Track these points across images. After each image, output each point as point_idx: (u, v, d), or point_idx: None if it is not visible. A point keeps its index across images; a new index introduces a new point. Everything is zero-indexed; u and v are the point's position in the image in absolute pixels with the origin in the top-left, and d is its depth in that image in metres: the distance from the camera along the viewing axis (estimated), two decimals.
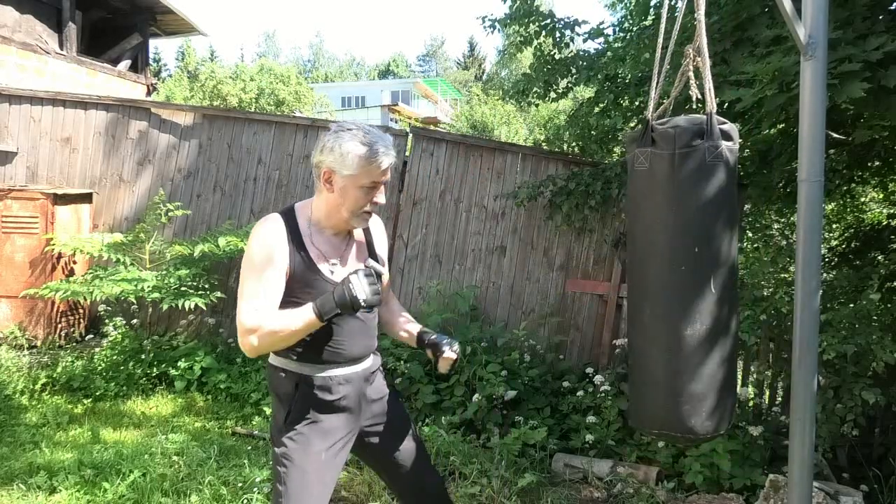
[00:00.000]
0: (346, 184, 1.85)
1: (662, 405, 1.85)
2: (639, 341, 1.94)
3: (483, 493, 3.41)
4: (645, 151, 1.83)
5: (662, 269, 1.83)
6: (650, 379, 1.88)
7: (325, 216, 1.93)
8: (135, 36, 9.16)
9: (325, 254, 1.93)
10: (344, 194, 1.87)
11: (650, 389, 1.89)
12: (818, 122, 1.92)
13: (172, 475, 3.36)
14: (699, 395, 1.79)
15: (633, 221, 1.96)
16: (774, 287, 4.18)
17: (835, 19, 2.65)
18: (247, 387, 4.79)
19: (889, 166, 4.50)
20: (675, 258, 1.80)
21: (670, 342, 1.80)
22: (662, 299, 1.83)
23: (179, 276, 4.90)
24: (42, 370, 4.84)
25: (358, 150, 1.82)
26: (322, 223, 1.94)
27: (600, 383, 4.27)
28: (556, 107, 17.34)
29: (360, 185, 1.85)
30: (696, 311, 1.78)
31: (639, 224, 1.90)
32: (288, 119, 6.02)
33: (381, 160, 1.84)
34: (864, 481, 3.54)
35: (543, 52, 5.56)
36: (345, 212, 1.89)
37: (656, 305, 1.84)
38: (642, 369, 1.92)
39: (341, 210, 1.89)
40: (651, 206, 1.84)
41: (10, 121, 6.07)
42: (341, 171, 1.84)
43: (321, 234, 1.94)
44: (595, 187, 4.82)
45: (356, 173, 1.83)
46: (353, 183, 1.85)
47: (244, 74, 27.64)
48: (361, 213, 1.91)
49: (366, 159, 1.82)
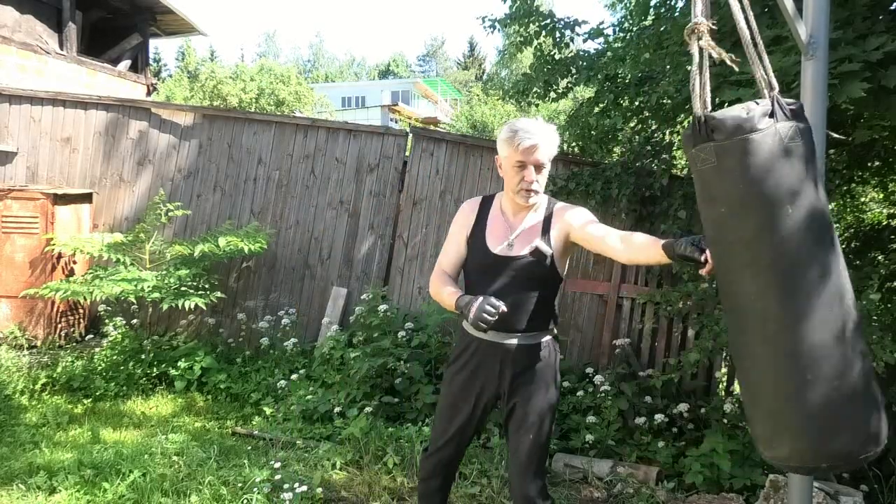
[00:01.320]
0: (503, 165, 2.27)
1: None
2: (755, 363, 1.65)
3: (483, 493, 3.41)
4: (706, 147, 1.62)
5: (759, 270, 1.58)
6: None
7: (504, 197, 2.35)
8: (135, 36, 9.16)
9: (500, 230, 2.31)
10: (505, 175, 2.27)
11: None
12: (818, 122, 1.92)
13: (172, 475, 3.36)
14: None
15: (713, 228, 1.69)
16: None
17: (835, 19, 2.65)
18: (247, 387, 4.79)
19: (889, 166, 4.50)
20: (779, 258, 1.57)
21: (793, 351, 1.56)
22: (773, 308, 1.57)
23: (179, 276, 4.90)
24: (42, 370, 4.83)
25: (504, 135, 2.22)
26: (504, 204, 2.35)
27: (600, 383, 4.27)
28: (556, 107, 17.34)
29: (511, 165, 2.22)
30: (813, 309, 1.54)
31: (721, 230, 1.66)
32: (288, 119, 6.02)
33: (518, 140, 2.17)
34: (864, 481, 3.54)
35: (543, 52, 5.56)
36: (509, 191, 2.27)
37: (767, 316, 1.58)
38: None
39: (508, 190, 2.28)
40: (731, 205, 1.61)
41: (10, 121, 6.07)
42: (500, 154, 2.27)
43: (503, 215, 2.34)
44: (595, 187, 4.82)
45: (506, 154, 2.23)
46: (507, 163, 2.24)
47: (244, 74, 27.63)
48: (519, 190, 2.23)
49: (508, 140, 2.20)
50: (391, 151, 5.63)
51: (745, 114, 1.57)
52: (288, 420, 4.31)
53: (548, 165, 2.26)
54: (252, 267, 5.66)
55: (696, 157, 1.65)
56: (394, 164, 5.60)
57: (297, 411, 4.34)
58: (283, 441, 3.97)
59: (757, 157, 1.54)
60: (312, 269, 5.68)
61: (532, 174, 2.21)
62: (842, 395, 1.55)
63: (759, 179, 1.55)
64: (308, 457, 3.75)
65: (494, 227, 2.32)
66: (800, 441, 1.59)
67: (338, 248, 5.66)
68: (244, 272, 5.68)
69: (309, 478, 3.38)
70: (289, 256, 5.71)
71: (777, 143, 1.54)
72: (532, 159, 2.19)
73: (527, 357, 2.32)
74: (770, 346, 1.59)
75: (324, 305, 5.56)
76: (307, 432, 4.17)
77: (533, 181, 2.21)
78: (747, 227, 1.58)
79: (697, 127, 1.63)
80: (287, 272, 5.71)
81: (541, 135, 2.19)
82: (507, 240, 2.29)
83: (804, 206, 1.54)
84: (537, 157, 2.19)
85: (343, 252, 5.64)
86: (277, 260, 5.71)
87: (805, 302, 1.55)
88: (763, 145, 1.54)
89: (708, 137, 1.61)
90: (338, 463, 3.65)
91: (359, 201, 5.63)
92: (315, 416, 4.33)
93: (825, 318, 1.55)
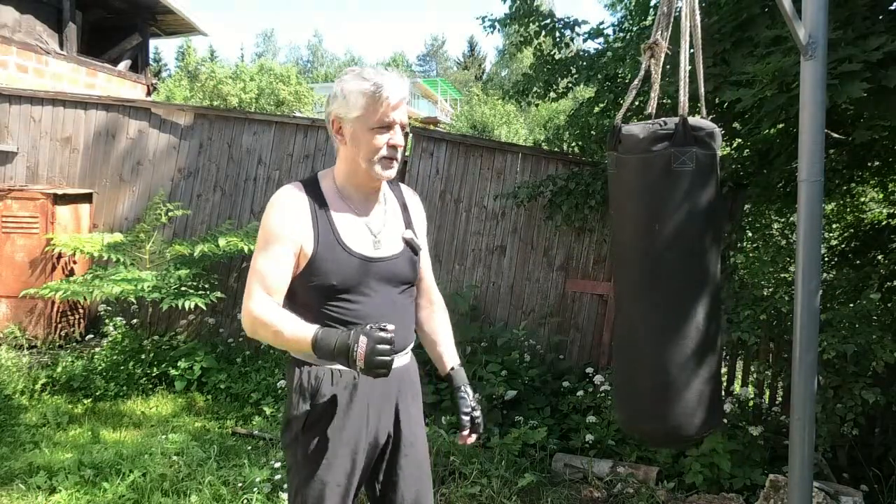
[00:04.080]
0: (355, 128, 1.68)
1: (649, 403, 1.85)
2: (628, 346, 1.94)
3: (483, 493, 3.41)
4: (612, 155, 1.82)
5: (632, 272, 1.84)
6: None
7: (347, 175, 1.75)
8: (135, 36, 9.15)
9: (350, 224, 1.73)
10: (356, 142, 1.69)
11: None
12: (818, 122, 1.92)
13: (172, 475, 3.36)
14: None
15: (612, 224, 2.01)
16: (774, 287, 4.18)
17: (835, 19, 2.65)
18: (247, 387, 4.79)
19: (889, 166, 4.50)
20: (645, 263, 1.79)
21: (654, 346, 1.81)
22: (638, 301, 1.83)
23: (179, 276, 4.90)
24: (42, 370, 4.84)
25: (361, 87, 1.65)
26: (346, 186, 1.76)
27: (600, 383, 4.27)
28: (556, 107, 17.35)
29: (371, 127, 1.67)
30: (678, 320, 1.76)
31: (616, 227, 1.94)
32: (288, 119, 6.02)
33: (386, 93, 1.64)
34: (864, 481, 3.54)
35: (543, 52, 5.56)
36: (362, 162, 1.69)
37: (632, 306, 1.85)
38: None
39: (359, 161, 1.70)
40: (621, 209, 1.85)
41: (10, 121, 6.07)
42: (348, 114, 1.67)
43: (348, 201, 1.75)
44: (595, 187, 4.82)
45: (362, 113, 1.66)
46: (363, 125, 1.67)
47: (244, 74, 27.64)
48: (381, 160, 1.69)
49: (370, 95, 1.64)
50: None
51: (643, 134, 1.72)
52: None
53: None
54: None
55: (607, 160, 1.91)
56: None
57: None
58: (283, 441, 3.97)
59: (641, 176, 1.74)
60: None
61: (400, 136, 1.70)
62: (670, 390, 1.76)
63: (638, 195, 1.76)
64: None
65: (343, 222, 1.72)
66: (621, 413, 1.99)
67: None
68: (244, 272, 5.67)
69: None
70: None
71: (663, 166, 1.69)
72: (400, 118, 1.69)
73: (414, 376, 1.89)
74: (626, 333, 1.87)
75: None
76: None
77: (401, 145, 1.72)
78: (625, 233, 1.84)
79: (611, 135, 1.82)
80: None
81: (406, 86, 1.70)
82: (369, 235, 1.75)
83: (674, 225, 1.72)
84: (403, 116, 1.71)
85: None
86: None
87: (655, 308, 1.77)
88: (650, 166, 1.71)
89: (614, 147, 1.81)
90: None
91: None
92: None
93: (673, 325, 1.75)
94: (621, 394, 1.98)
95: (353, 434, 1.72)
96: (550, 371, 4.83)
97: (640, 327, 1.81)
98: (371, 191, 1.79)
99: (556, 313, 5.16)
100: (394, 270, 1.76)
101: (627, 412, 1.94)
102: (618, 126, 1.79)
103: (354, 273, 1.70)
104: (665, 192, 1.70)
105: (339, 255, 1.69)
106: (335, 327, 1.64)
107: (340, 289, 1.69)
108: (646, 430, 1.90)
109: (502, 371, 4.38)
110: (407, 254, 1.80)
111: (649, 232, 1.73)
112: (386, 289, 1.75)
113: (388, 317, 1.67)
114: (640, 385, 1.83)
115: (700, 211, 1.72)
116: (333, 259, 1.68)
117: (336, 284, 1.68)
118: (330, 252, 1.68)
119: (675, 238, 1.72)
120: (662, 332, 1.76)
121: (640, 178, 1.74)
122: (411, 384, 1.87)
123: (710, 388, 1.79)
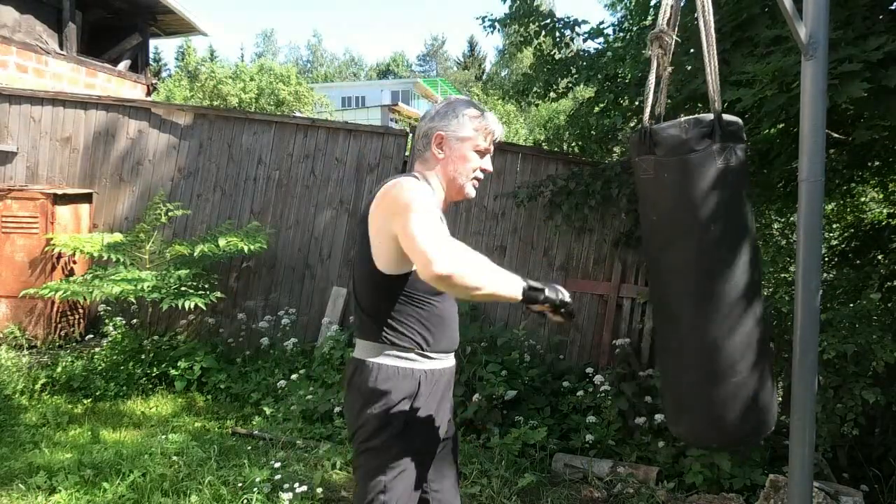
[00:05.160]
0: (461, 146, 1.84)
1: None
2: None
3: (483, 493, 3.41)
4: (647, 159, 1.75)
5: (686, 276, 1.76)
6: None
7: (440, 187, 1.87)
8: (135, 36, 9.14)
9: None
10: (458, 158, 1.84)
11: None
12: (818, 122, 1.92)
13: (172, 475, 3.36)
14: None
15: (646, 230, 1.88)
16: (774, 287, 4.18)
17: (835, 19, 2.65)
18: (247, 387, 4.79)
19: (889, 166, 4.49)
20: (700, 264, 1.73)
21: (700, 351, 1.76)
22: (687, 310, 1.76)
23: (179, 275, 4.90)
24: (42, 370, 4.83)
25: (473, 113, 1.85)
26: (439, 195, 1.87)
27: (600, 383, 4.27)
28: (556, 107, 17.34)
29: (475, 148, 1.85)
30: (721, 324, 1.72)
31: (655, 231, 1.83)
32: (288, 119, 6.03)
33: (493, 126, 1.87)
34: (864, 481, 3.54)
35: (543, 52, 5.56)
36: (460, 177, 1.85)
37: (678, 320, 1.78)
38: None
39: (456, 176, 1.85)
40: (664, 213, 1.77)
41: (10, 121, 6.07)
42: (457, 132, 1.83)
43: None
44: (595, 187, 4.82)
45: (472, 135, 1.84)
46: (469, 145, 1.85)
47: (244, 74, 27.61)
48: (472, 179, 1.88)
49: (480, 121, 1.85)
50: (391, 151, 5.63)
51: (685, 134, 1.67)
52: (288, 420, 4.31)
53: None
54: (252, 267, 5.66)
55: (638, 165, 1.80)
56: (394, 163, 5.60)
57: (297, 411, 4.34)
58: (283, 441, 3.97)
59: (690, 176, 1.67)
60: (312, 269, 5.68)
61: (490, 164, 1.92)
62: (733, 389, 1.73)
63: (689, 196, 1.68)
64: (308, 457, 3.75)
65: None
66: (696, 422, 1.85)
67: (338, 248, 5.66)
68: (244, 272, 5.68)
69: (309, 478, 3.38)
70: (289, 256, 5.71)
71: (710, 164, 1.65)
72: (491, 147, 1.92)
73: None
74: (681, 341, 1.79)
75: (324, 305, 5.55)
76: (307, 432, 4.17)
77: (490, 171, 1.94)
78: (673, 237, 1.76)
79: (642, 138, 1.75)
80: (287, 272, 5.71)
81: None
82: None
83: (726, 223, 1.68)
84: (493, 149, 1.94)
85: (343, 252, 5.64)
86: (277, 260, 5.71)
87: (713, 308, 1.72)
88: (697, 165, 1.66)
89: (650, 150, 1.73)
90: (338, 463, 3.65)
91: (359, 201, 5.63)
92: (315, 415, 4.33)
93: (731, 325, 1.71)
94: (680, 405, 1.88)
95: (442, 428, 1.86)
96: (550, 371, 4.83)
97: (700, 331, 1.74)
98: (450, 204, 1.94)
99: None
100: None
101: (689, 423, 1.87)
102: (648, 129, 1.74)
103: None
104: (714, 190, 1.66)
105: None
106: (427, 327, 1.78)
107: (429, 288, 1.70)
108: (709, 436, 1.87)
109: (502, 371, 4.38)
110: None
111: (704, 230, 1.68)
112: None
113: (455, 317, 1.88)
114: (702, 391, 1.77)
115: (743, 204, 1.71)
116: None
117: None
118: None
119: (728, 233, 1.69)
120: (724, 336, 1.72)
121: (688, 178, 1.67)
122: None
123: (769, 384, 1.79)
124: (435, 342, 1.80)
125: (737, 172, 1.67)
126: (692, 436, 1.91)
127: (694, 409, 1.82)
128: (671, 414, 1.93)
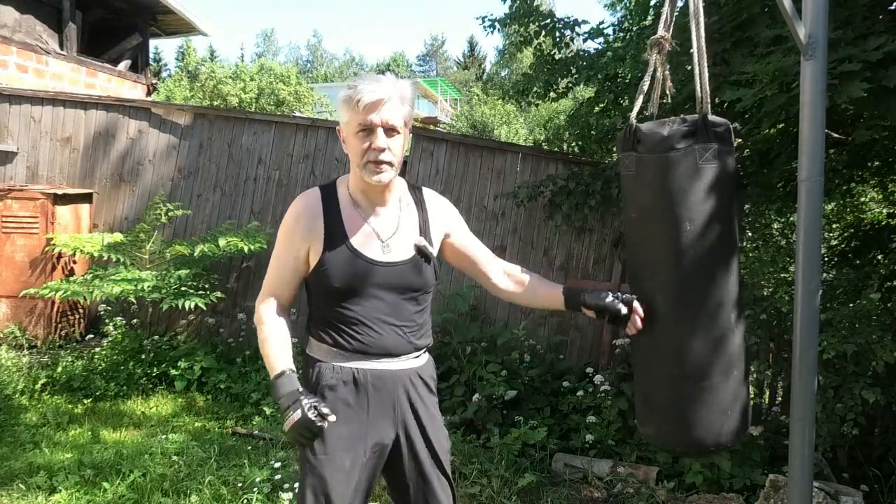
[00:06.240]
0: (346, 135, 1.73)
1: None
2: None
3: (483, 493, 3.41)
4: (630, 156, 1.75)
5: (662, 272, 1.74)
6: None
7: (353, 181, 1.79)
8: (135, 36, 9.15)
9: (359, 229, 1.76)
10: (348, 148, 1.73)
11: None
12: (818, 122, 1.92)
13: (172, 475, 3.36)
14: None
15: (626, 227, 1.89)
16: (774, 287, 4.18)
17: (835, 19, 2.65)
18: (247, 387, 4.79)
19: (889, 166, 4.49)
20: (678, 262, 1.71)
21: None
22: (661, 309, 1.73)
23: (179, 276, 4.90)
24: (42, 370, 4.84)
25: (343, 93, 1.69)
26: (356, 192, 1.79)
27: (600, 383, 4.27)
28: (556, 107, 17.35)
29: (354, 132, 1.69)
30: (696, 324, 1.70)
31: (635, 228, 1.82)
32: (288, 119, 6.02)
33: (359, 96, 1.63)
34: (864, 481, 3.54)
35: (543, 52, 5.57)
36: (356, 167, 1.72)
37: (664, 308, 1.74)
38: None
39: (355, 167, 1.73)
40: (644, 209, 1.76)
41: (10, 121, 6.07)
42: (342, 122, 1.73)
43: (358, 206, 1.79)
44: (595, 187, 4.82)
45: (347, 119, 1.70)
46: (350, 131, 1.70)
47: (244, 74, 27.60)
48: (366, 164, 1.69)
49: (347, 100, 1.67)
50: None
51: (666, 131, 1.67)
52: None
53: (403, 131, 1.72)
54: (252, 267, 5.66)
55: (621, 161, 1.80)
56: None
57: None
58: (283, 441, 3.97)
59: (668, 175, 1.66)
60: None
61: (382, 139, 1.66)
62: (702, 394, 1.71)
63: (667, 194, 1.67)
64: None
65: (353, 226, 1.76)
66: (663, 424, 1.82)
67: None
68: (244, 272, 5.68)
69: None
70: None
71: (691, 164, 1.64)
72: (380, 119, 1.65)
73: (424, 378, 1.89)
74: (653, 341, 1.76)
75: None
76: None
77: (384, 148, 1.66)
78: (651, 234, 1.74)
79: (626, 134, 1.75)
80: None
81: (388, 88, 1.66)
82: (377, 240, 1.76)
83: (704, 223, 1.66)
84: (386, 117, 1.66)
85: None
86: None
87: (686, 309, 1.70)
88: (676, 164, 1.65)
89: (632, 147, 1.73)
90: None
91: None
92: None
93: (705, 328, 1.69)
94: (648, 405, 1.87)
95: (355, 432, 1.74)
96: (550, 371, 4.83)
97: (672, 332, 1.73)
98: (376, 196, 1.79)
99: (555, 313, 5.15)
100: (400, 276, 1.77)
101: (657, 425, 1.85)
102: (633, 126, 1.74)
103: (358, 276, 1.73)
104: (693, 190, 1.66)
105: (345, 257, 1.73)
106: (339, 328, 1.76)
107: (343, 291, 1.73)
108: (676, 441, 1.85)
109: (502, 371, 4.38)
110: (416, 261, 1.80)
111: (680, 230, 1.67)
112: (391, 295, 1.77)
113: (388, 322, 1.75)
114: (671, 394, 1.76)
115: (725, 207, 1.69)
116: (338, 261, 1.73)
117: (339, 287, 1.73)
118: (336, 254, 1.73)
119: (705, 235, 1.68)
120: (696, 338, 1.69)
121: (666, 176, 1.67)
122: (421, 386, 1.86)
123: (744, 393, 1.76)
124: (346, 342, 1.76)
125: (720, 174, 1.66)
126: (658, 439, 1.88)
127: (661, 411, 1.80)
128: (641, 414, 1.91)
